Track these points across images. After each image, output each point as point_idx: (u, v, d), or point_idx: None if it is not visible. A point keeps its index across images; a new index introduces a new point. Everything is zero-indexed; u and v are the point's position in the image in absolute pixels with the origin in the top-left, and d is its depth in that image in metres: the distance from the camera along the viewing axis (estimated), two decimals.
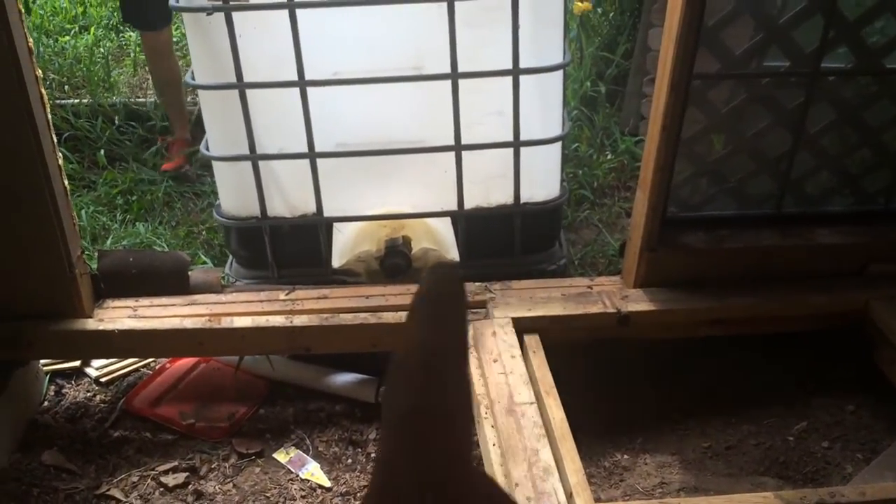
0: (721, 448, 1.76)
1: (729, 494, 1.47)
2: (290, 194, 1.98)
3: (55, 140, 1.63)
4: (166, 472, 1.68)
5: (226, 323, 1.75)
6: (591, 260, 2.48)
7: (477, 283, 1.87)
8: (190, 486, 1.66)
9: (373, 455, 1.74)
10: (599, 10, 3.42)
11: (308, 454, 1.74)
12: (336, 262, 2.02)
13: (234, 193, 2.00)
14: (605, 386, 1.89)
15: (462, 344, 0.29)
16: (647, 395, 1.90)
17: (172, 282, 1.88)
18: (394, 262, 1.96)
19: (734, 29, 1.68)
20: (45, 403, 1.87)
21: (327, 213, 1.97)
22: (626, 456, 1.76)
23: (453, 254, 2.04)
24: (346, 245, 2.02)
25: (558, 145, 2.03)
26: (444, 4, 1.72)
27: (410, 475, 0.26)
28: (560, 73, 1.93)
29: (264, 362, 1.93)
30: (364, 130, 1.91)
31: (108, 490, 1.64)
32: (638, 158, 2.87)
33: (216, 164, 2.00)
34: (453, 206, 1.99)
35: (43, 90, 1.59)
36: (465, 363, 0.29)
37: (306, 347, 1.78)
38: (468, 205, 1.99)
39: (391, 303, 1.82)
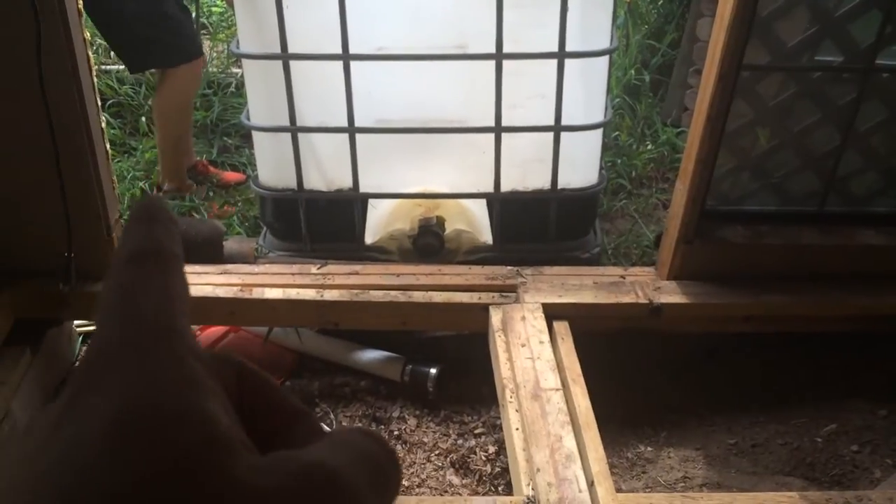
0: (747, 445, 1.74)
1: (753, 492, 1.45)
2: (327, 168, 1.98)
3: (99, 104, 1.65)
4: None
5: (257, 294, 1.76)
6: (625, 250, 2.46)
7: (508, 267, 1.86)
8: None
9: (395, 433, 1.75)
10: None
11: (332, 428, 1.76)
12: (369, 238, 2.02)
13: (272, 164, 2.01)
14: (633, 377, 1.88)
15: (170, 236, 0.28)
16: (675, 389, 1.88)
17: (207, 250, 1.89)
18: (427, 241, 1.95)
19: (788, 21, 1.64)
20: (77, 363, 1.90)
21: (363, 189, 1.97)
22: (649, 448, 1.74)
23: (487, 236, 2.03)
24: (379, 222, 2.02)
25: (599, 132, 2.00)
26: None
27: (122, 336, 0.24)
28: (606, 58, 1.90)
29: (293, 335, 1.94)
30: (404, 108, 1.91)
31: None
32: (678, 150, 2.83)
33: (256, 135, 2.01)
34: (490, 189, 1.97)
35: (90, 53, 1.60)
36: (176, 249, 0.28)
37: (335, 322, 1.79)
38: (505, 188, 1.97)
39: (422, 282, 1.82)
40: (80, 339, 1.96)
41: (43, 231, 1.70)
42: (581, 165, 2.02)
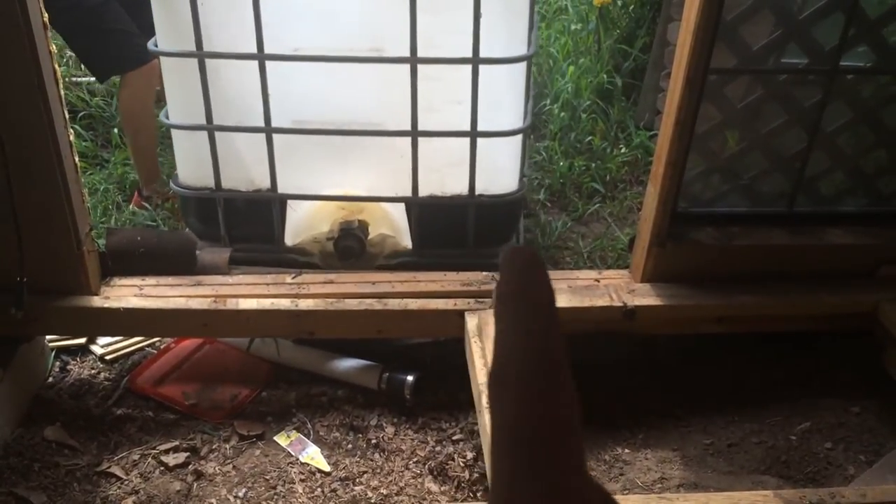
0: (723, 445, 1.75)
1: (728, 492, 1.46)
2: (245, 168, 1.96)
3: (67, 116, 1.63)
4: (167, 452, 1.69)
5: (231, 305, 1.75)
6: (600, 253, 2.47)
7: (484, 273, 1.87)
8: (190, 466, 1.66)
9: (373, 441, 1.74)
10: (619, 2, 3.39)
11: (309, 438, 1.75)
12: (289, 240, 2.01)
13: (191, 163, 2.00)
14: (608, 379, 1.88)
15: (559, 344, 0.28)
16: (651, 391, 1.90)
17: (179, 261, 1.88)
18: (346, 244, 1.95)
19: (753, 24, 1.66)
20: (50, 379, 1.88)
21: (282, 189, 1.97)
22: (626, 450, 1.75)
23: (406, 241, 2.02)
24: (301, 224, 2.01)
25: (518, 138, 1.97)
26: None
27: (537, 496, 0.25)
28: (523, 65, 1.88)
29: (269, 345, 1.93)
30: (322, 109, 1.89)
31: (109, 467, 1.65)
32: (652, 153, 2.85)
33: (175, 134, 2.00)
34: (408, 193, 1.96)
35: (57, 66, 1.59)
36: (567, 363, 0.28)
37: (310, 332, 1.78)
38: (423, 192, 1.95)
39: (397, 290, 1.82)
40: (53, 354, 1.93)
41: (12, 246, 1.68)
42: (500, 172, 1.99)
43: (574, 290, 1.83)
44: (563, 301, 1.78)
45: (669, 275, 1.82)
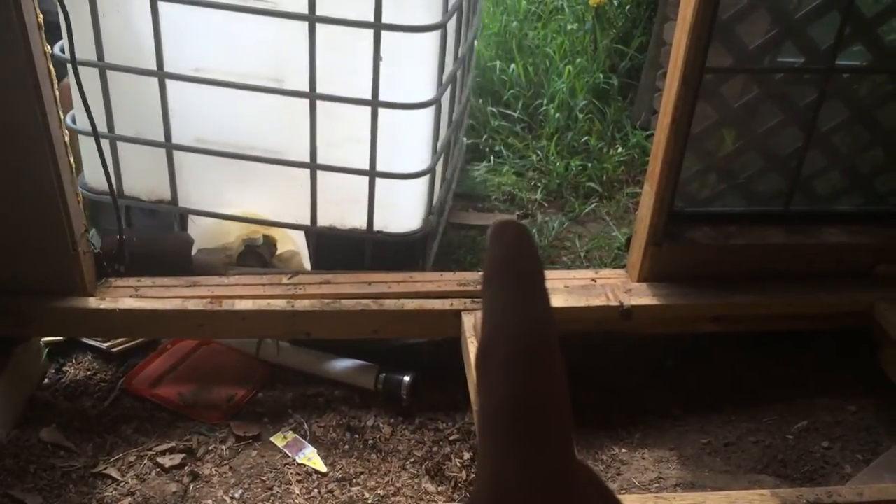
0: (720, 445, 1.75)
1: (725, 491, 1.46)
2: (147, 178, 1.96)
3: (62, 116, 1.63)
4: (163, 453, 1.68)
5: (227, 305, 1.75)
6: (597, 253, 2.47)
7: (480, 273, 1.86)
8: (186, 468, 1.66)
9: (370, 442, 1.74)
10: (616, 1, 3.39)
11: (306, 439, 1.74)
12: (193, 250, 2.02)
13: (95, 167, 2.00)
14: (605, 379, 1.89)
15: (548, 316, 0.28)
16: (648, 390, 1.89)
17: (176, 262, 1.88)
18: (246, 262, 1.98)
19: (749, 23, 1.66)
20: (46, 381, 1.87)
21: (182, 203, 1.98)
22: (624, 450, 1.75)
23: (307, 263, 2.04)
24: (204, 236, 2.03)
25: (421, 181, 1.95)
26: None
27: (522, 475, 0.25)
28: (428, 111, 1.84)
29: (267, 346, 1.93)
30: (224, 130, 1.89)
31: (105, 469, 1.65)
32: (648, 153, 2.85)
33: (81, 137, 2.01)
34: (307, 221, 1.96)
35: (51, 65, 1.58)
36: (556, 338, 0.28)
37: (306, 332, 1.78)
38: (322, 222, 1.95)
39: (393, 290, 1.82)
40: (45, 351, 1.92)
41: (6, 246, 1.67)
42: (401, 211, 1.98)
43: (571, 289, 1.82)
44: (559, 301, 1.78)
45: (666, 274, 1.82)
